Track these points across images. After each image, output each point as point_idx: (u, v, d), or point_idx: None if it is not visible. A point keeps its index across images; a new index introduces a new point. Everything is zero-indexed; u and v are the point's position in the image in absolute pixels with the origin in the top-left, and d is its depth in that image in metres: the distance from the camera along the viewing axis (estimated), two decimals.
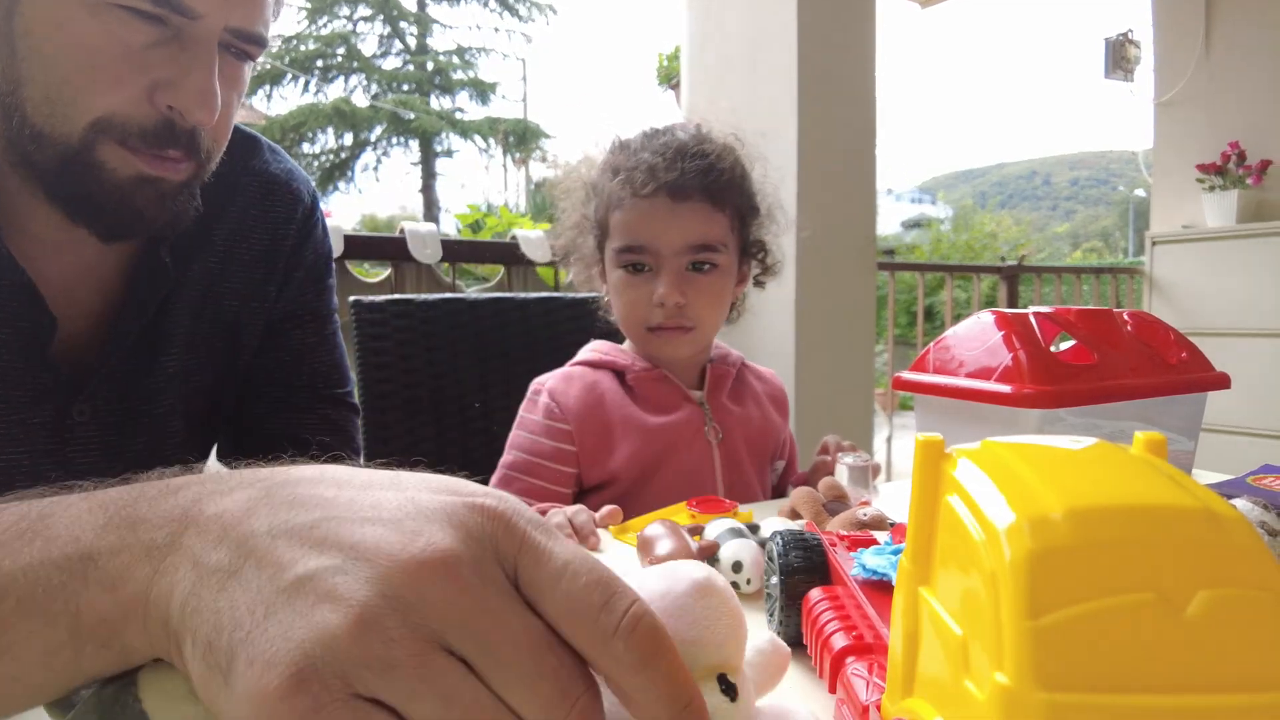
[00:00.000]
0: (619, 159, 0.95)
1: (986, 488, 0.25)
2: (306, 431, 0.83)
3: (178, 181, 0.63)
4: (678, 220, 0.91)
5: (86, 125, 0.58)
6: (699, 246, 0.91)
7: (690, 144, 0.93)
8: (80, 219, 0.63)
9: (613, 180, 0.93)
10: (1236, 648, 0.21)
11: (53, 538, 0.29)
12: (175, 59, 0.59)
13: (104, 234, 0.65)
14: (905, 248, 17.77)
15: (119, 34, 0.57)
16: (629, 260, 0.93)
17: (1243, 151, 3.15)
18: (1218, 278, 3.12)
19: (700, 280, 0.92)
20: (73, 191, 0.61)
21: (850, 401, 2.02)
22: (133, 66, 0.58)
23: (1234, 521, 0.23)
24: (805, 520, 0.66)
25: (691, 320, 0.92)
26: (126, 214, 0.62)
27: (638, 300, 0.93)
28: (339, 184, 20.40)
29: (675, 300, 0.90)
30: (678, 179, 0.89)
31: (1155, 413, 0.80)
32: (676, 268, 0.91)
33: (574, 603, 0.26)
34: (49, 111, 0.57)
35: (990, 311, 0.80)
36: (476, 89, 21.38)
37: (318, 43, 20.07)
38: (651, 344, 0.95)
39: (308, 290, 0.84)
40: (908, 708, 0.27)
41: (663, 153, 0.91)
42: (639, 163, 0.91)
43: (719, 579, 0.30)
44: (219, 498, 0.29)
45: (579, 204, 1.00)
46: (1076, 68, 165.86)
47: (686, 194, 0.90)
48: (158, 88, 0.59)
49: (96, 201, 0.61)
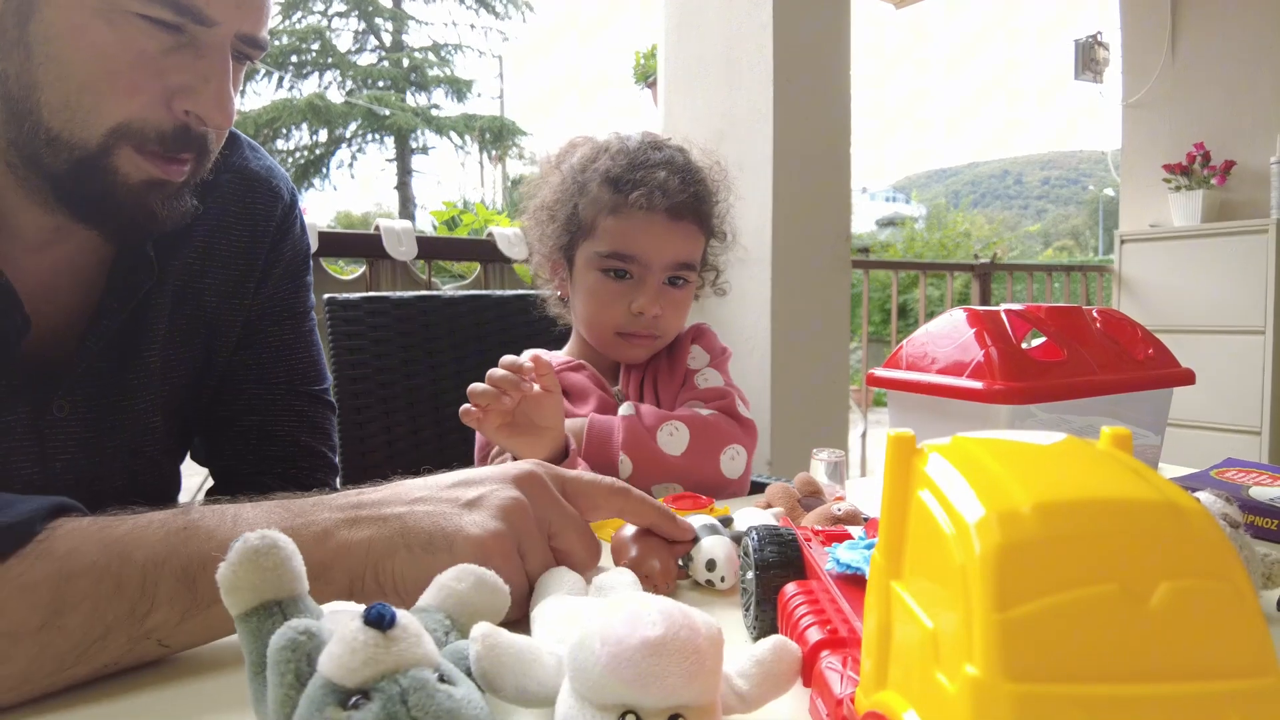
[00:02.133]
0: (620, 166, 0.95)
1: (957, 483, 0.25)
2: (283, 428, 0.82)
3: (180, 182, 0.65)
4: (670, 238, 0.95)
5: (106, 131, 0.59)
6: (682, 264, 0.97)
7: (689, 168, 0.98)
8: (91, 221, 0.64)
9: (609, 186, 0.95)
10: (1197, 637, 0.22)
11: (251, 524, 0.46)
12: (191, 66, 0.60)
13: (115, 235, 0.66)
14: (880, 246, 17.91)
15: (137, 42, 0.58)
16: (614, 266, 0.96)
17: (1207, 152, 3.21)
18: (1183, 276, 3.18)
19: (674, 294, 0.98)
20: (85, 195, 0.61)
21: (825, 398, 2.04)
22: (150, 74, 0.59)
23: (1196, 514, 0.23)
24: (780, 514, 0.67)
25: (661, 330, 0.98)
26: (142, 215, 0.63)
27: (613, 305, 0.96)
28: (313, 181, 20.20)
29: (655, 313, 0.95)
30: (681, 201, 0.94)
31: (1123, 408, 0.81)
32: (658, 281, 0.96)
33: (591, 498, 0.54)
34: (68, 117, 0.58)
35: (962, 309, 0.81)
36: (453, 86, 21.24)
37: (292, 38, 19.83)
38: (616, 347, 0.99)
39: (286, 287, 0.83)
40: (881, 700, 0.28)
41: (674, 172, 0.95)
42: (651, 180, 0.93)
43: (678, 628, 0.31)
44: (369, 493, 0.51)
45: (552, 192, 1.00)
46: (1048, 69, 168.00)
47: (682, 215, 0.95)
48: (175, 94, 0.60)
49: (111, 205, 0.62)
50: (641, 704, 0.30)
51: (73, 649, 0.40)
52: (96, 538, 0.42)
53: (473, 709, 0.30)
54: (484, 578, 0.41)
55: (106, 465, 0.71)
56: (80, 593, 0.40)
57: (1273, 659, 0.22)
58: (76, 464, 0.68)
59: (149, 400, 0.73)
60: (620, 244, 0.95)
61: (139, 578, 0.42)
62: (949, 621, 0.23)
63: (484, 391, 0.79)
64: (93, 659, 0.41)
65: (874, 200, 50.80)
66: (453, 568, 0.42)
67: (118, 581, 0.41)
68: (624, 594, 0.44)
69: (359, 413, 1.11)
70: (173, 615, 0.42)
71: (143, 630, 0.42)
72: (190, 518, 0.45)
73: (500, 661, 0.33)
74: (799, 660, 0.37)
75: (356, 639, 0.28)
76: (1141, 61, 3.47)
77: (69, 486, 0.68)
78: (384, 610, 0.29)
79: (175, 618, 0.42)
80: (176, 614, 0.42)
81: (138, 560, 0.42)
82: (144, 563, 0.42)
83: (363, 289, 1.87)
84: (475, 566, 0.42)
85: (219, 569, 0.33)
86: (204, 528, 0.44)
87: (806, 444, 1.04)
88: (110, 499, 0.55)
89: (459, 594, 0.40)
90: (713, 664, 0.31)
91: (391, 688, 0.28)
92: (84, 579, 0.41)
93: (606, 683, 0.30)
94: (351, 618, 0.29)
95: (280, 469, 0.81)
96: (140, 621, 0.41)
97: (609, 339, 0.98)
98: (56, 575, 0.40)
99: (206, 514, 0.45)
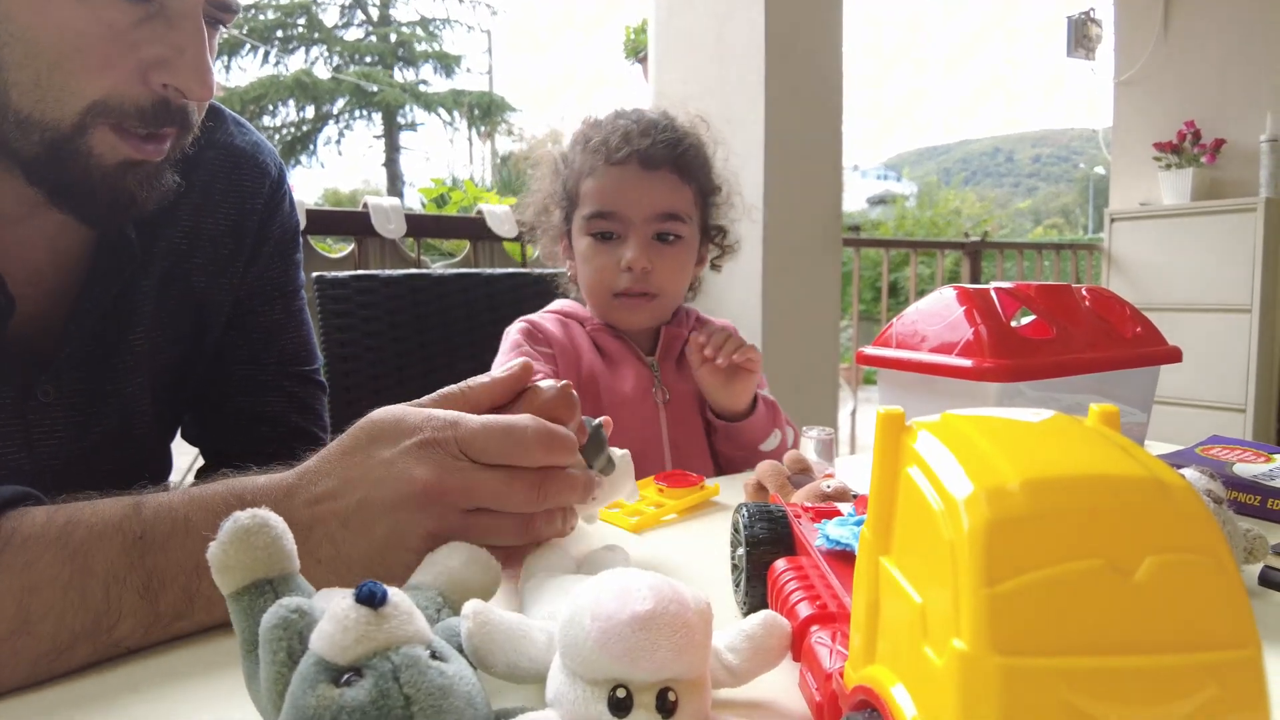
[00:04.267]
0: (590, 131, 0.99)
1: (946, 459, 0.26)
2: (274, 409, 0.81)
3: (160, 161, 0.63)
4: (647, 188, 0.95)
5: (81, 110, 0.57)
6: (666, 215, 0.96)
7: (660, 120, 0.98)
8: (66, 206, 0.62)
9: (585, 151, 0.98)
10: (1181, 610, 0.22)
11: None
12: (165, 37, 0.58)
13: (94, 220, 0.64)
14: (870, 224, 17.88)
15: (104, 15, 0.56)
16: (598, 228, 0.97)
17: (1198, 131, 3.21)
18: (1172, 254, 3.19)
19: (666, 250, 0.97)
20: (59, 179, 0.60)
21: (816, 376, 2.04)
22: (122, 47, 0.57)
23: (1181, 490, 0.24)
24: (770, 493, 0.67)
25: (655, 288, 0.97)
26: (122, 199, 0.61)
27: (605, 266, 0.97)
28: (301, 158, 19.98)
29: (642, 265, 0.95)
30: (649, 147, 0.94)
31: (1111, 385, 0.82)
32: (644, 235, 0.96)
33: (487, 445, 0.49)
34: (38, 97, 0.56)
35: (952, 287, 0.81)
36: (441, 61, 20.99)
37: (277, 12, 19.53)
38: (615, 311, 0.99)
39: (275, 266, 0.82)
40: (869, 675, 0.28)
41: (636, 121, 0.97)
42: (614, 129, 0.96)
43: (667, 603, 0.31)
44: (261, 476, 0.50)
45: (547, 177, 1.04)
46: (1040, 45, 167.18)
47: (656, 164, 0.95)
48: (150, 67, 0.58)
49: (86, 188, 0.60)
50: (632, 678, 0.30)
51: (44, 655, 0.41)
52: (55, 544, 0.42)
53: (465, 685, 0.30)
54: (475, 554, 0.41)
55: (94, 448, 0.70)
56: (45, 604, 0.41)
57: (1253, 631, 0.22)
58: (64, 448, 0.68)
59: (137, 383, 0.72)
60: (600, 202, 0.96)
61: (102, 591, 0.42)
62: (937, 596, 0.24)
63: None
64: (65, 663, 0.42)
65: (865, 178, 50.69)
66: (444, 545, 0.42)
67: (82, 595, 0.42)
68: (614, 570, 0.45)
69: (349, 392, 1.11)
70: (137, 628, 0.43)
71: (110, 640, 0.43)
72: (143, 518, 0.44)
73: (491, 638, 0.34)
74: (789, 635, 0.38)
75: (349, 616, 0.29)
76: (1133, 39, 3.46)
77: (56, 471, 0.67)
78: (375, 588, 0.29)
79: (140, 630, 0.43)
80: (141, 628, 0.43)
81: (99, 573, 0.42)
82: (105, 576, 0.43)
83: (351, 267, 1.86)
84: (466, 544, 0.42)
85: (210, 548, 0.33)
86: (159, 535, 0.44)
87: (797, 421, 1.04)
88: (99, 482, 0.55)
89: (451, 571, 0.40)
90: (702, 638, 0.31)
91: (384, 665, 0.28)
92: (48, 591, 0.41)
93: (597, 658, 0.30)
94: (343, 596, 0.29)
95: (271, 449, 0.81)
96: (107, 633, 0.42)
97: (607, 302, 0.99)
98: (21, 589, 0.41)
99: (160, 518, 0.45)
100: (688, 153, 0.97)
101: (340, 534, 0.47)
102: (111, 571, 0.43)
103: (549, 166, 1.04)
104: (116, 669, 0.43)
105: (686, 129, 1.00)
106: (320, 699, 0.27)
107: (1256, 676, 0.22)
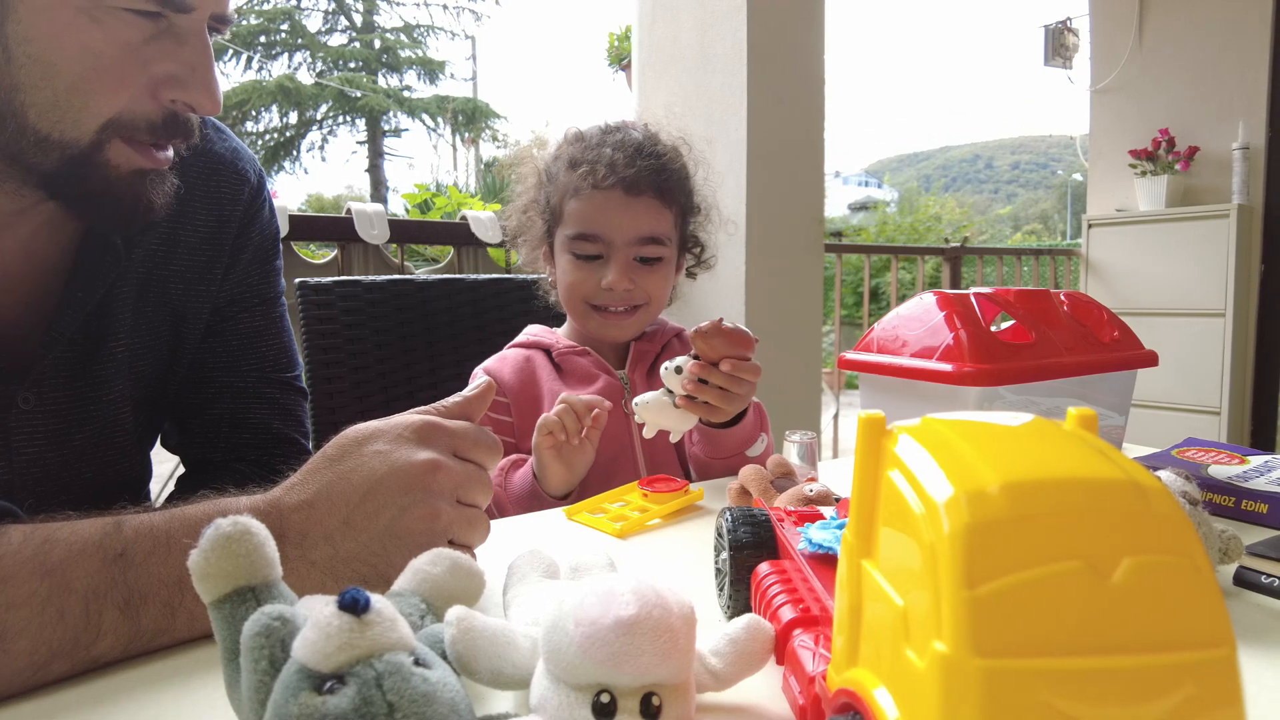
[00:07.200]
0: (576, 150, 1.00)
1: (926, 463, 0.26)
2: (255, 416, 0.81)
3: (165, 168, 0.64)
4: (630, 213, 0.96)
5: (98, 128, 0.58)
6: (647, 239, 0.97)
7: (645, 144, 0.99)
8: (88, 215, 0.64)
9: (570, 171, 0.98)
10: (1157, 611, 0.22)
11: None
12: (175, 54, 0.60)
13: (116, 224, 0.66)
14: (852, 230, 18.00)
15: (120, 36, 0.57)
16: (581, 249, 0.98)
17: (1172, 138, 3.26)
18: (1148, 259, 3.23)
19: (646, 270, 0.99)
20: (80, 191, 0.61)
21: (798, 380, 2.05)
22: (136, 65, 0.59)
23: (1157, 493, 0.24)
24: (753, 497, 0.67)
25: (639, 299, 0.98)
26: (141, 205, 0.63)
27: (585, 281, 0.98)
28: (284, 163, 19.85)
29: (624, 286, 0.96)
30: (634, 175, 0.96)
31: (1089, 389, 0.83)
32: (625, 257, 0.97)
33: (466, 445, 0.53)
34: (57, 117, 0.57)
35: (933, 292, 0.82)
36: (425, 67, 20.93)
37: (260, 18, 19.42)
38: (595, 322, 0.99)
39: (254, 273, 0.81)
40: (852, 677, 0.28)
41: (623, 149, 0.97)
42: (600, 157, 0.97)
43: (651, 607, 0.31)
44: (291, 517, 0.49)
45: (531, 187, 1.05)
46: (1018, 54, 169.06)
47: (640, 190, 0.96)
48: (160, 84, 0.60)
49: (109, 198, 0.62)
50: (616, 683, 0.30)
51: (20, 671, 0.41)
52: (32, 561, 0.42)
53: (448, 692, 0.30)
54: (459, 562, 0.41)
55: (75, 457, 0.69)
56: (22, 621, 0.40)
57: (1227, 631, 0.23)
58: (44, 457, 0.67)
59: (117, 390, 0.72)
60: (583, 224, 0.97)
61: (81, 608, 0.42)
62: (919, 599, 0.24)
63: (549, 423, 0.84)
64: (42, 679, 0.41)
65: (847, 184, 51.02)
66: (427, 551, 0.42)
67: (60, 612, 0.41)
68: (597, 575, 0.45)
69: (331, 398, 1.10)
70: (117, 645, 0.43)
71: (89, 657, 0.42)
72: (124, 536, 0.44)
73: (475, 644, 0.34)
74: (772, 638, 0.38)
75: (331, 624, 0.28)
76: (1109, 48, 3.51)
77: (36, 479, 0.66)
78: (358, 595, 0.29)
79: (120, 647, 0.43)
80: (121, 644, 0.43)
81: (78, 590, 0.42)
82: (84, 593, 0.42)
83: (334, 273, 1.85)
84: (450, 551, 0.42)
85: (190, 556, 0.33)
86: (140, 552, 0.44)
87: (779, 426, 1.05)
88: (79, 490, 0.54)
89: (434, 578, 0.40)
90: (685, 643, 0.32)
91: (367, 672, 0.28)
92: (24, 608, 0.41)
93: (581, 663, 0.30)
94: (326, 603, 0.29)
95: (253, 456, 0.80)
96: (86, 650, 0.42)
97: (586, 314, 0.99)
98: None
99: (141, 535, 0.45)
100: (671, 178, 0.99)
101: (339, 532, 0.47)
102: (91, 588, 0.42)
103: (533, 174, 1.05)
104: (94, 679, 0.42)
105: (670, 151, 1.01)
106: (303, 707, 0.27)
107: (1232, 675, 0.22)
